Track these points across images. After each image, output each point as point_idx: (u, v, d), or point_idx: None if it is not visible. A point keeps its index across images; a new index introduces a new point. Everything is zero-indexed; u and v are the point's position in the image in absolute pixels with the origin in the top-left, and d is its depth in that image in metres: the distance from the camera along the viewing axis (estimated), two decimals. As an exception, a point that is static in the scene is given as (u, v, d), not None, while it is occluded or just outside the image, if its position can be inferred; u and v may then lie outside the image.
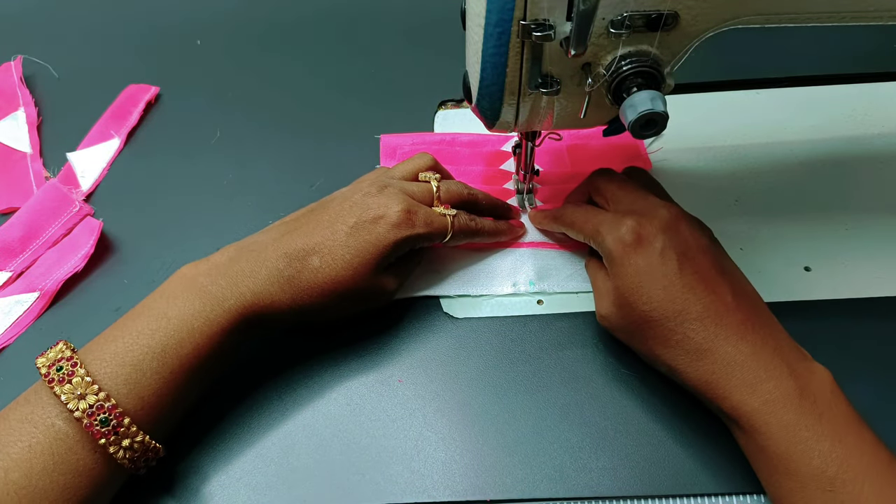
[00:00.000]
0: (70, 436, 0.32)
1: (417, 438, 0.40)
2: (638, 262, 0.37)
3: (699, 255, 0.37)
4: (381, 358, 0.43)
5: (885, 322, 0.43)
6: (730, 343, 0.35)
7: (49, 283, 0.46)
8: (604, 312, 0.40)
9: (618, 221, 0.39)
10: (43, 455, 0.32)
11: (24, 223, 0.48)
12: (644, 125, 0.34)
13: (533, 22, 0.33)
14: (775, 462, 0.33)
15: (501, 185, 0.51)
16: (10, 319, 0.45)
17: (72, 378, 0.33)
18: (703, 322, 0.36)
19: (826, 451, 0.32)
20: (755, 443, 0.34)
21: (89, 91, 0.59)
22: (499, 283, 0.46)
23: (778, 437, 0.33)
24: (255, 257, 0.39)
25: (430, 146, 0.53)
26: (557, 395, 0.41)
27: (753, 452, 0.35)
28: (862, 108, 0.55)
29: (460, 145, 0.54)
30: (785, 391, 0.33)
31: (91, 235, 0.47)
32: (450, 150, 0.53)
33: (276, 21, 0.64)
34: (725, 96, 0.56)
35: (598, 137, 0.53)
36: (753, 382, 0.34)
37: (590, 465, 0.38)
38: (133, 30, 0.64)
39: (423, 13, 0.64)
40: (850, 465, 0.32)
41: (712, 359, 0.35)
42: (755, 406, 0.34)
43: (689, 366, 0.36)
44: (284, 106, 0.57)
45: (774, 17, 0.34)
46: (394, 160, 0.53)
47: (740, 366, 0.35)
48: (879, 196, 0.49)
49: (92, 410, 0.32)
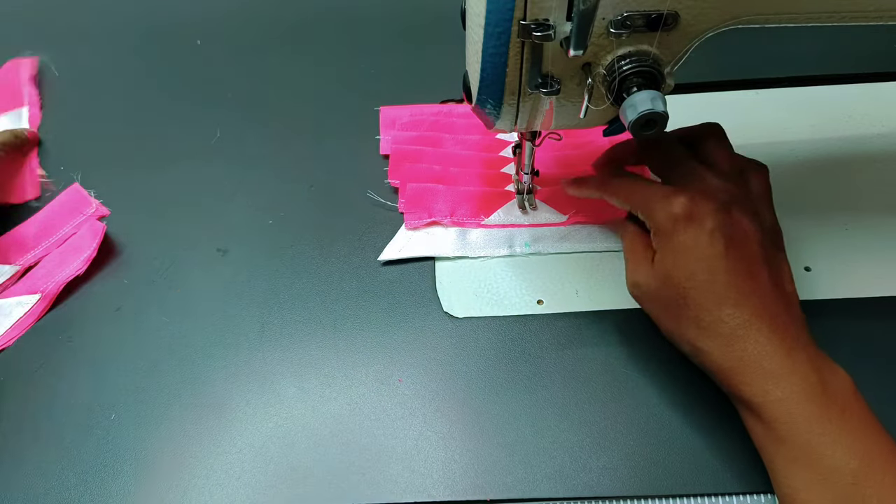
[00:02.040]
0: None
1: (417, 438, 0.40)
2: (686, 239, 0.37)
3: (747, 242, 0.37)
4: (381, 358, 0.43)
5: (886, 322, 0.43)
6: (762, 333, 0.35)
7: (50, 285, 0.46)
8: (639, 280, 0.40)
9: (671, 196, 0.38)
10: None
11: (40, 220, 0.49)
12: (644, 125, 0.34)
13: (533, 22, 0.33)
14: (796, 453, 0.33)
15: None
16: (11, 321, 0.45)
17: None
18: (739, 308, 0.36)
19: (849, 444, 0.32)
20: (774, 434, 0.34)
21: (87, 92, 0.59)
22: (495, 246, 0.47)
23: (801, 429, 0.33)
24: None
25: (427, 117, 0.54)
26: (557, 395, 0.41)
27: (770, 444, 0.35)
28: (862, 107, 0.55)
29: (457, 116, 0.55)
30: (810, 385, 0.34)
31: (94, 238, 0.47)
32: (447, 121, 0.54)
33: (277, 21, 0.64)
34: (725, 96, 0.56)
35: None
36: (780, 374, 0.34)
37: (590, 465, 0.38)
38: (133, 30, 0.64)
39: (423, 13, 0.64)
40: (873, 460, 0.32)
41: (742, 346, 0.35)
42: (779, 396, 0.34)
43: (718, 349, 0.36)
44: (284, 106, 0.57)
45: (774, 17, 0.34)
46: (393, 130, 0.54)
47: (769, 356, 0.35)
48: (879, 196, 0.49)
49: None
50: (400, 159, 0.52)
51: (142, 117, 0.57)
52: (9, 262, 0.47)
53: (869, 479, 0.32)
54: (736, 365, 0.35)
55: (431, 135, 0.54)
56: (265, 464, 0.39)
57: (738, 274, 0.36)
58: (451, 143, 0.53)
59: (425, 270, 0.47)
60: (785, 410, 0.34)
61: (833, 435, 0.33)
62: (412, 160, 0.52)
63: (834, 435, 0.33)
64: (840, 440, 0.32)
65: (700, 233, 0.37)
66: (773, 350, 0.35)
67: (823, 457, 0.32)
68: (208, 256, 0.48)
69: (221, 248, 0.48)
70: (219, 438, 0.40)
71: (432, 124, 0.53)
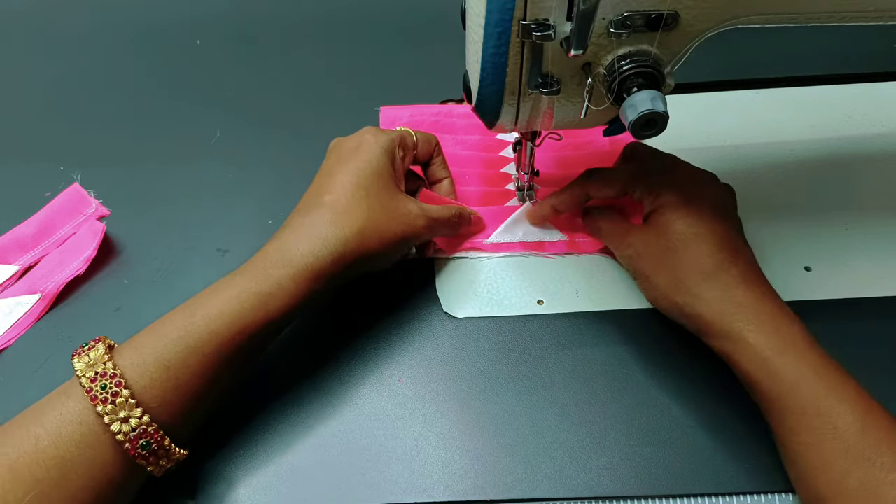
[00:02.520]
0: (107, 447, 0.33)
1: (417, 438, 0.40)
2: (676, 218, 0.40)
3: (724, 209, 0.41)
4: (381, 358, 0.43)
5: (885, 322, 0.43)
6: (745, 290, 0.38)
7: (50, 285, 0.46)
8: (633, 241, 0.42)
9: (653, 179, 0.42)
10: (72, 425, 0.32)
11: (40, 220, 0.49)
12: (644, 125, 0.34)
13: (533, 22, 0.33)
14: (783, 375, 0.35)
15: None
16: (11, 321, 0.45)
17: (115, 399, 0.33)
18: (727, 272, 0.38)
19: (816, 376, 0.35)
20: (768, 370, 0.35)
21: (88, 92, 0.59)
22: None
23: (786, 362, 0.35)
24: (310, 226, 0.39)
25: (427, 117, 0.55)
26: (557, 395, 0.41)
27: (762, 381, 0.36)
28: (862, 108, 0.55)
29: (457, 116, 0.55)
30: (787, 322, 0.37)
31: (94, 238, 0.47)
32: (447, 121, 0.55)
33: (277, 21, 0.64)
34: (725, 96, 0.56)
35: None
36: (764, 320, 0.37)
37: (590, 465, 0.38)
38: (133, 30, 0.64)
39: (423, 13, 0.64)
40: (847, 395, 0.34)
41: (728, 302, 0.37)
42: (765, 340, 0.36)
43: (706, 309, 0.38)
44: (284, 106, 0.57)
45: (774, 17, 0.34)
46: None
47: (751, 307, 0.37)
48: (879, 196, 0.49)
49: (134, 435, 0.33)
50: None
51: (142, 117, 0.57)
52: (8, 262, 0.47)
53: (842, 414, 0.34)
54: (724, 318, 0.37)
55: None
56: (265, 465, 0.39)
57: (725, 241, 0.39)
58: (452, 143, 0.53)
59: (425, 270, 0.47)
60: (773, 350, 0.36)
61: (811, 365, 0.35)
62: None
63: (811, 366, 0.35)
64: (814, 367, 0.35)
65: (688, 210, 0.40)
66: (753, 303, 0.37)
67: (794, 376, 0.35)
68: (208, 256, 0.48)
69: (221, 248, 0.48)
70: (218, 438, 0.40)
71: (432, 125, 0.54)
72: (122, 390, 0.33)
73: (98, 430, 0.32)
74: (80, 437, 0.32)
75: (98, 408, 0.32)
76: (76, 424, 0.32)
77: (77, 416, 0.32)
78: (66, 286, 0.46)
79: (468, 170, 0.52)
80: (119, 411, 0.32)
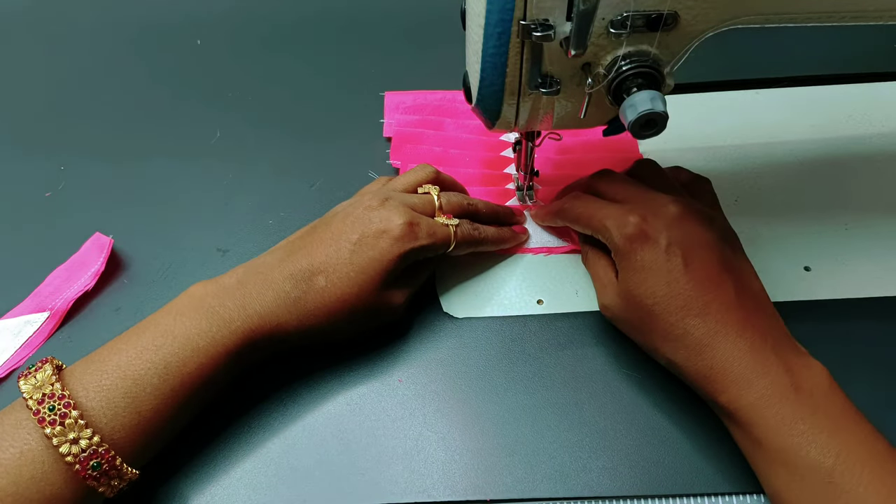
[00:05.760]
0: (55, 469, 0.32)
1: (417, 438, 0.40)
2: (643, 258, 0.38)
3: (705, 250, 0.38)
4: (381, 358, 0.43)
5: (885, 322, 0.43)
6: (729, 339, 0.36)
7: (59, 302, 0.45)
8: (607, 303, 0.41)
9: (624, 216, 0.39)
10: (32, 464, 0.31)
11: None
12: (644, 125, 0.34)
13: (533, 22, 0.33)
14: (772, 455, 0.33)
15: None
16: (21, 340, 0.44)
17: (64, 420, 0.32)
18: (704, 318, 0.36)
19: (823, 442, 0.32)
20: (751, 437, 0.34)
21: (88, 92, 0.59)
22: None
23: (774, 431, 0.33)
24: (262, 279, 0.38)
25: (430, 103, 0.56)
26: (557, 395, 0.41)
27: (749, 447, 0.35)
28: (862, 108, 0.55)
29: (460, 101, 0.55)
30: (781, 386, 0.34)
31: (101, 252, 0.47)
32: (450, 106, 0.55)
33: (277, 21, 0.64)
34: (725, 96, 0.56)
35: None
36: (750, 378, 0.35)
37: (590, 465, 0.38)
38: (133, 30, 0.64)
39: (423, 13, 0.64)
40: (848, 456, 0.32)
41: (711, 354, 0.36)
42: (751, 401, 0.34)
43: (688, 360, 0.36)
44: (284, 106, 0.57)
45: (774, 17, 0.34)
46: (396, 114, 0.55)
47: (738, 361, 0.35)
48: (879, 196, 0.49)
49: (84, 456, 0.32)
50: (402, 141, 0.53)
51: (142, 117, 0.57)
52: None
53: (845, 475, 0.32)
54: (708, 373, 0.36)
55: (433, 118, 0.55)
56: (265, 464, 0.39)
57: (699, 284, 0.37)
58: (453, 126, 0.54)
59: (425, 270, 0.47)
60: (758, 414, 0.34)
61: (807, 435, 0.33)
62: (414, 142, 0.53)
63: (808, 435, 0.33)
64: (815, 439, 0.33)
65: (656, 250, 0.37)
66: (741, 355, 0.35)
67: (798, 457, 0.33)
68: (208, 256, 0.48)
69: (221, 248, 0.48)
70: (218, 439, 0.40)
71: (435, 108, 0.55)
72: (71, 411, 0.32)
73: (55, 463, 0.32)
74: (33, 472, 0.31)
75: (46, 430, 0.31)
76: (37, 463, 0.31)
77: (36, 454, 0.32)
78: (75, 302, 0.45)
79: (470, 152, 0.53)
80: (68, 432, 0.32)
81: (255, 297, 0.38)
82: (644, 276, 0.38)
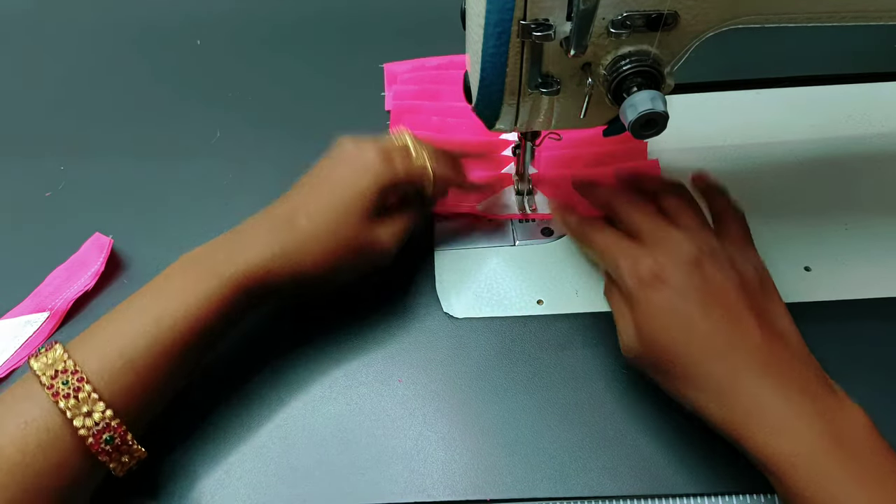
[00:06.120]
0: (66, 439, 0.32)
1: (417, 438, 0.40)
2: (657, 302, 0.36)
3: (724, 293, 0.36)
4: (381, 358, 0.43)
5: (885, 322, 0.43)
6: (754, 383, 0.33)
7: (59, 302, 0.45)
8: (628, 344, 0.38)
9: (636, 257, 0.37)
10: (38, 432, 0.32)
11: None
12: (644, 125, 0.34)
13: (533, 22, 0.33)
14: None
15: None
16: (20, 341, 0.44)
17: (78, 394, 0.32)
18: (724, 360, 0.34)
19: (866, 497, 0.30)
20: (785, 486, 0.32)
21: (88, 92, 0.59)
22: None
23: (811, 484, 0.31)
24: (250, 229, 0.40)
25: (428, 70, 0.56)
26: (557, 395, 0.41)
27: (784, 492, 0.33)
28: (862, 108, 0.55)
29: (459, 67, 0.56)
30: (816, 434, 0.32)
31: (101, 252, 0.47)
32: (448, 73, 0.56)
33: (277, 21, 0.64)
34: (725, 96, 0.56)
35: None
36: (778, 424, 0.32)
37: (590, 465, 0.38)
38: (133, 30, 0.64)
39: (423, 13, 0.64)
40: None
41: (735, 397, 0.33)
42: (783, 450, 0.32)
43: (712, 405, 0.34)
44: (284, 106, 0.57)
45: (774, 17, 0.34)
46: (395, 84, 0.56)
47: (764, 405, 0.33)
48: (879, 196, 0.49)
49: (97, 429, 0.32)
50: (401, 113, 0.54)
51: (142, 117, 0.57)
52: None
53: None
54: (733, 418, 0.33)
55: (431, 87, 0.55)
56: (265, 464, 0.39)
57: (719, 326, 0.35)
58: (450, 95, 0.55)
59: (425, 270, 0.47)
60: (790, 465, 0.31)
61: (846, 488, 0.31)
62: (413, 112, 0.54)
63: (847, 488, 0.31)
64: (854, 494, 0.30)
65: (670, 294, 0.36)
66: (767, 399, 0.33)
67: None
68: (208, 256, 0.48)
69: (221, 248, 0.48)
70: (218, 438, 0.40)
71: (434, 77, 0.55)
72: (85, 385, 0.33)
73: (62, 431, 0.32)
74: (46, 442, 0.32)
75: (60, 403, 0.32)
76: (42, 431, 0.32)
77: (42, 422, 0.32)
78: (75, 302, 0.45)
79: (467, 121, 0.53)
80: (82, 406, 0.32)
81: (243, 246, 0.39)
82: (659, 320, 0.36)
